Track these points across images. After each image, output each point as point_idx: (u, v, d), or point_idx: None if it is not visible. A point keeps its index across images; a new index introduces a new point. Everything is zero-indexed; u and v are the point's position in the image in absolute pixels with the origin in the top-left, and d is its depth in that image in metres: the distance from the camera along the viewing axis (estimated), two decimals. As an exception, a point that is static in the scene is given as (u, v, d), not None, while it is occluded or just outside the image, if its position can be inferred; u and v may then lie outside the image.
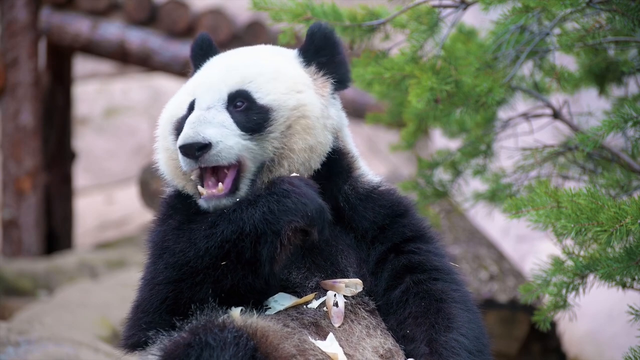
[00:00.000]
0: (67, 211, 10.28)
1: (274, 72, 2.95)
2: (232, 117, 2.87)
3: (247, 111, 2.89)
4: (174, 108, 3.02)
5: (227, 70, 2.96)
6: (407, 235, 3.00)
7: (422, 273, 2.94)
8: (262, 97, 2.91)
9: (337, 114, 3.04)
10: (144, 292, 2.84)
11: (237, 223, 2.72)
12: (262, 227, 2.71)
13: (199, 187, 2.86)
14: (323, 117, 2.95)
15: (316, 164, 2.94)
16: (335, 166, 3.00)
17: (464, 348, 2.80)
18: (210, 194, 2.84)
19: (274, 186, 2.78)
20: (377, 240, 2.99)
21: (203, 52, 3.15)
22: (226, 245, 2.72)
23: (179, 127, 2.94)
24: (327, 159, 2.97)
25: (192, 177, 2.93)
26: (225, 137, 2.83)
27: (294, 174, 2.86)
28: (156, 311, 2.79)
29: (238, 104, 2.89)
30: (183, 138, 2.80)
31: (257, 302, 2.80)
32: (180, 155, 2.84)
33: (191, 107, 2.94)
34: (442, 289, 2.92)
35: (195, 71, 3.14)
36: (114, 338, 5.59)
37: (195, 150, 2.79)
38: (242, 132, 2.86)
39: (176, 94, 3.08)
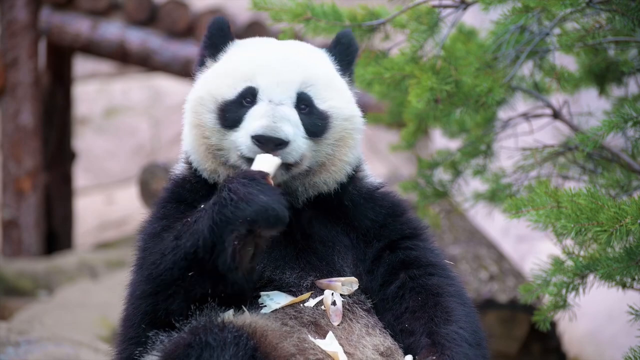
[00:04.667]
0: (67, 211, 10.28)
1: (329, 79, 3.01)
2: (300, 119, 2.92)
3: (310, 115, 2.94)
4: (217, 87, 2.98)
5: (292, 67, 2.97)
6: (405, 233, 3.03)
7: (418, 268, 2.96)
8: (321, 103, 2.96)
9: None
10: (128, 306, 2.88)
11: (194, 236, 2.72)
12: (212, 238, 2.70)
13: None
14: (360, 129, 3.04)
15: (345, 177, 3.00)
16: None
17: (465, 340, 2.81)
18: None
19: (217, 193, 2.75)
20: (375, 238, 3.01)
21: (223, 32, 3.11)
22: (189, 257, 2.72)
23: (225, 109, 2.93)
24: None
25: (233, 160, 2.91)
26: (298, 137, 2.88)
27: (245, 170, 2.81)
28: (139, 325, 2.81)
29: (302, 106, 2.94)
30: (264, 128, 2.81)
31: (240, 303, 2.81)
32: (247, 142, 2.83)
33: (246, 94, 2.93)
34: (437, 283, 2.93)
35: (215, 51, 3.09)
36: (114, 338, 5.59)
37: (273, 144, 2.82)
38: (306, 136, 2.91)
39: (213, 72, 3.03)
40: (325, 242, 2.96)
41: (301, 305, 2.85)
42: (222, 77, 2.99)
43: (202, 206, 2.78)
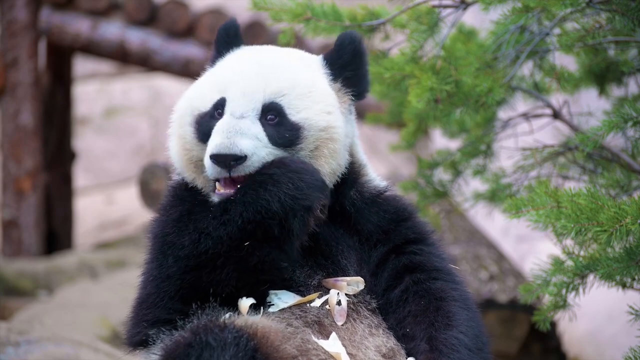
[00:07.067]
0: (67, 211, 10.28)
1: (307, 88, 2.94)
2: (265, 130, 2.88)
3: (278, 126, 2.89)
4: (196, 99, 2.98)
5: (262, 76, 2.93)
6: (410, 237, 3.01)
7: (422, 273, 2.96)
8: (294, 113, 2.91)
9: (351, 129, 3.05)
10: (150, 287, 2.84)
11: (258, 203, 2.76)
12: (290, 203, 2.77)
13: (217, 184, 2.88)
14: (346, 137, 2.98)
15: (330, 185, 2.96)
16: (343, 175, 3.02)
17: (464, 345, 2.81)
18: (227, 193, 2.84)
19: (286, 165, 2.81)
20: (380, 242, 3.01)
21: (229, 38, 3.11)
22: (249, 226, 2.76)
23: (200, 122, 2.93)
24: None
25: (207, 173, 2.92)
26: (258, 149, 2.85)
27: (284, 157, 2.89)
28: (167, 303, 2.81)
29: (270, 117, 2.89)
30: (218, 147, 2.80)
31: (275, 281, 2.84)
32: (208, 162, 2.83)
33: (218, 106, 2.92)
34: (441, 287, 2.93)
35: (216, 56, 3.11)
36: (114, 338, 5.60)
37: (230, 161, 2.81)
38: (272, 146, 2.88)
39: (198, 81, 3.04)
40: (329, 243, 2.96)
41: (308, 305, 2.86)
42: (202, 88, 3.00)
43: (251, 182, 2.80)
